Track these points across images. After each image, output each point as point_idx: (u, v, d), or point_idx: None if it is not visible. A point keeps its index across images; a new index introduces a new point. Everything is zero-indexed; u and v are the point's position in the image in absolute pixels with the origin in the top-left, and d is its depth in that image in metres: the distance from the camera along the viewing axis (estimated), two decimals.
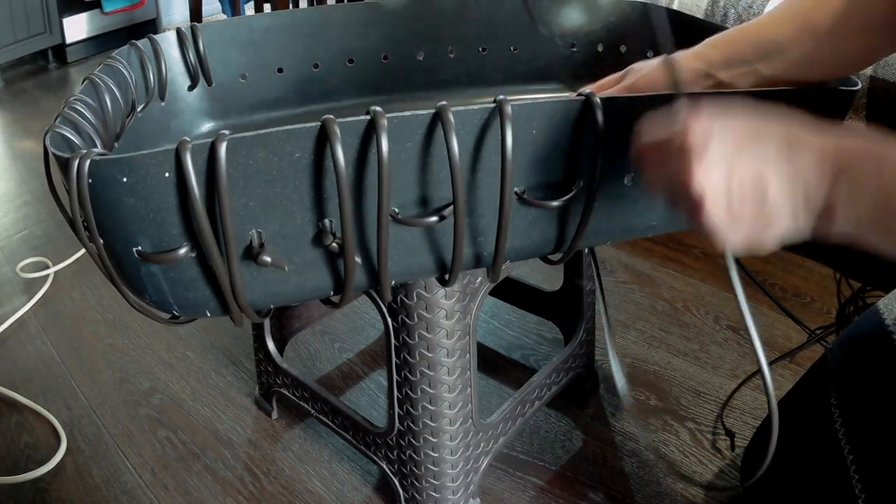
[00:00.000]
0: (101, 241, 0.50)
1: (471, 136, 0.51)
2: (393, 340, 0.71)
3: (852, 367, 0.66)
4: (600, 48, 0.87)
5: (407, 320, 0.69)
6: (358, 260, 0.53)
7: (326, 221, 0.52)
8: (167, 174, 0.47)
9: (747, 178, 0.42)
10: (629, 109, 0.55)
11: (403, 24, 0.87)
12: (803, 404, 0.72)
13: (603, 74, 0.89)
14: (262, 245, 0.51)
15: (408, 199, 0.53)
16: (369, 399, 1.00)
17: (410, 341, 0.70)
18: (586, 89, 0.56)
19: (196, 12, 2.14)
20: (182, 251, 0.50)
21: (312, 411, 0.87)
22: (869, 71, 1.03)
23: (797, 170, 0.41)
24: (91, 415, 0.98)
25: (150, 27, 2.57)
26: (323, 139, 0.48)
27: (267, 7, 2.06)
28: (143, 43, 0.76)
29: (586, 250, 0.87)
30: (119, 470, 0.89)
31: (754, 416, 0.93)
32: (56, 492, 0.87)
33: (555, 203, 0.56)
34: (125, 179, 0.46)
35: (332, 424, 0.85)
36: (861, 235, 0.41)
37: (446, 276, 0.59)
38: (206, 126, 0.84)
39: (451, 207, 0.53)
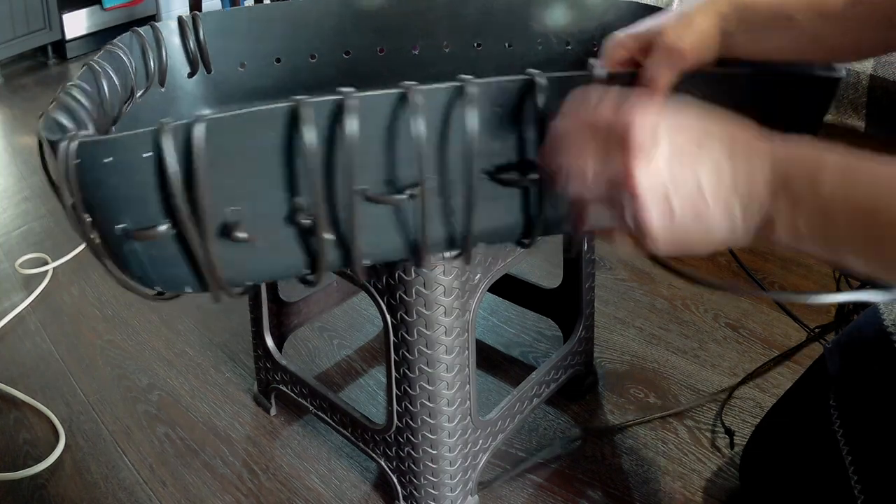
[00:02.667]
0: (90, 218, 0.53)
1: (437, 116, 0.52)
2: (392, 337, 0.71)
3: (851, 367, 0.66)
4: (596, 47, 0.87)
5: (406, 317, 0.69)
6: (330, 237, 0.55)
7: (300, 199, 0.53)
8: (146, 154, 0.49)
9: (688, 184, 0.40)
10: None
11: (400, 18, 0.88)
12: (802, 404, 0.72)
13: None
14: (237, 222, 0.53)
15: (379, 177, 0.54)
16: (368, 396, 1.00)
17: (409, 338, 0.70)
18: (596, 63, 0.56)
19: (196, 8, 2.14)
20: (162, 228, 0.52)
21: (311, 408, 0.87)
22: (869, 69, 1.03)
23: (737, 181, 0.40)
24: (90, 411, 0.98)
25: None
26: (294, 119, 0.49)
27: (267, 2, 2.06)
28: (144, 30, 0.78)
29: (585, 246, 0.87)
30: (117, 466, 0.89)
31: (753, 415, 0.93)
32: (54, 488, 0.86)
33: (525, 180, 0.56)
34: (109, 160, 0.49)
35: (330, 421, 0.85)
36: (801, 247, 0.40)
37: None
38: (205, 112, 0.84)
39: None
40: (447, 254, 0.65)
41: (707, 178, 0.40)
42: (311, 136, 0.49)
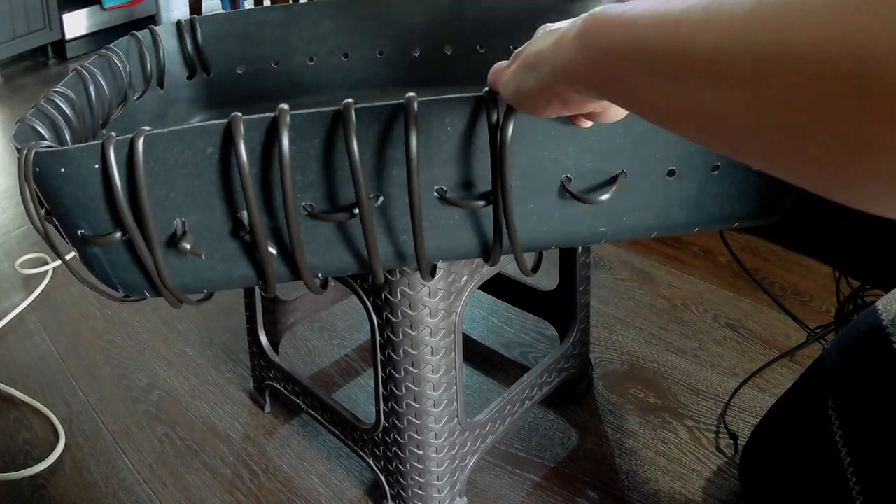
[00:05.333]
0: (56, 222, 0.55)
1: (378, 134, 0.52)
2: (378, 337, 0.71)
3: (849, 367, 0.66)
4: None
5: (391, 317, 0.68)
6: (274, 251, 0.55)
7: (243, 213, 0.54)
8: (96, 166, 0.50)
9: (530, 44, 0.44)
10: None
11: (399, 21, 0.87)
12: (800, 405, 0.72)
13: None
14: (184, 233, 0.54)
15: (321, 194, 0.54)
16: (367, 395, 1.00)
17: (395, 338, 0.69)
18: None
19: (196, 9, 2.13)
20: (116, 235, 0.53)
21: (303, 405, 0.87)
22: None
23: (549, 45, 0.40)
24: (89, 411, 0.98)
25: (149, 23, 2.56)
26: (230, 135, 0.50)
27: (267, 3, 2.05)
28: (143, 34, 0.78)
29: (580, 249, 0.86)
30: (117, 466, 0.89)
31: (754, 415, 0.93)
32: (54, 488, 0.87)
33: (477, 203, 0.54)
34: (63, 170, 0.51)
35: (321, 420, 0.85)
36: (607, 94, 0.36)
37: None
38: (203, 115, 0.85)
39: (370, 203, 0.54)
40: (406, 269, 0.64)
41: (535, 51, 0.42)
42: (242, 152, 0.50)
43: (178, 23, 0.81)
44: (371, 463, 0.80)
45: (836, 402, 0.65)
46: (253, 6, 2.10)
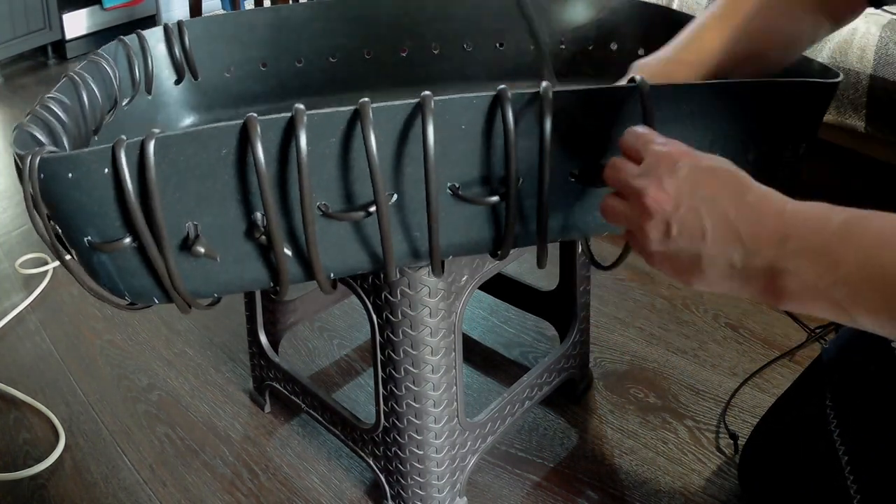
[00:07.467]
0: (59, 229, 0.54)
1: (396, 132, 0.52)
2: (378, 337, 0.71)
3: (847, 366, 0.66)
4: (590, 46, 0.87)
5: (391, 317, 0.68)
6: (289, 252, 0.55)
7: (258, 215, 0.53)
8: (106, 170, 0.50)
9: (690, 216, 0.44)
10: (567, 104, 0.53)
11: (387, 20, 0.88)
12: (799, 405, 0.72)
13: (592, 72, 0.89)
14: (197, 236, 0.53)
15: (336, 193, 0.54)
16: (367, 395, 1.00)
17: (395, 338, 0.69)
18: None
19: (196, 9, 2.13)
20: (126, 241, 0.52)
21: (303, 405, 0.87)
22: (869, 69, 1.03)
23: (740, 233, 0.43)
24: (89, 411, 0.98)
25: (149, 23, 2.57)
26: (246, 136, 0.50)
27: (267, 3, 2.05)
28: (130, 39, 0.78)
29: (580, 249, 0.86)
30: (117, 466, 0.89)
31: (753, 415, 0.93)
32: (54, 488, 0.87)
33: (490, 199, 0.55)
34: (71, 175, 0.50)
35: (321, 419, 0.85)
36: (810, 302, 0.41)
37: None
38: (192, 119, 0.85)
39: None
40: (416, 265, 0.64)
41: (711, 225, 0.43)
42: (260, 153, 0.49)
43: (166, 26, 0.81)
44: (371, 463, 0.80)
45: (834, 402, 0.65)
46: (253, 6, 2.10)
